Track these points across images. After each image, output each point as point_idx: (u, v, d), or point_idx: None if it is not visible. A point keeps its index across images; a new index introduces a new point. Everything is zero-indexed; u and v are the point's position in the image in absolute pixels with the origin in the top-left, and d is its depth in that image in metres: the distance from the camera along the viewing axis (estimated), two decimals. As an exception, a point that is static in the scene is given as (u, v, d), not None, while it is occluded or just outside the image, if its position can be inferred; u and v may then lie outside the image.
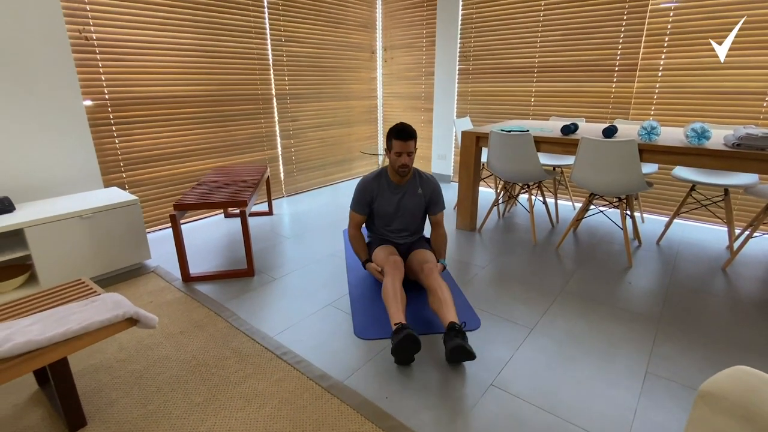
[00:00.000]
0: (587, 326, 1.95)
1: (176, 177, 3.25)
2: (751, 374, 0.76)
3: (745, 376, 0.75)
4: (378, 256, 2.17)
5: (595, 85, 3.52)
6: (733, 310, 2.07)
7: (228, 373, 1.64)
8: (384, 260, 2.08)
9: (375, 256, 2.20)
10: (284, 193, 4.14)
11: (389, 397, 1.52)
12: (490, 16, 3.95)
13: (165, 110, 3.08)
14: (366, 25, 4.61)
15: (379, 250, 2.19)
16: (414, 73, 4.66)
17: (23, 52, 2.29)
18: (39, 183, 2.47)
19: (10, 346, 1.15)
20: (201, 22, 3.15)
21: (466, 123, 3.75)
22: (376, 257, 2.19)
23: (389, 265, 2.02)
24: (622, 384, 1.58)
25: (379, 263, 2.13)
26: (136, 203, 2.46)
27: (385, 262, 2.06)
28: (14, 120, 2.32)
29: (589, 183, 2.57)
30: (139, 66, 2.89)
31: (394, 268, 2.00)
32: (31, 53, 2.32)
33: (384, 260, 2.08)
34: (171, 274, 2.49)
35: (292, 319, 2.02)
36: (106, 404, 1.49)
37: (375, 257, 2.20)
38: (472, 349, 1.61)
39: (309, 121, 4.19)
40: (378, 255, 2.17)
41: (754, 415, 0.70)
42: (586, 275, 2.44)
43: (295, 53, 3.89)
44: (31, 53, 2.32)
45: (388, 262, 2.04)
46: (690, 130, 2.23)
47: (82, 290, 1.53)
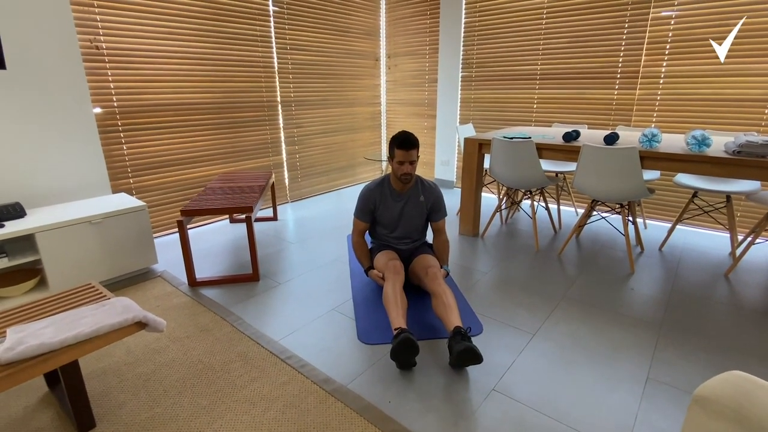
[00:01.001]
0: (589, 332, 1.96)
1: (183, 183, 3.30)
2: (744, 378, 0.78)
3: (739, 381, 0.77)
4: (379, 262, 2.19)
5: (597, 92, 3.55)
6: (735, 317, 2.08)
7: (233, 377, 1.67)
8: (384, 265, 2.11)
9: (376, 262, 2.23)
10: (289, 199, 4.18)
11: (392, 401, 1.54)
12: (493, 24, 3.99)
13: (172, 117, 3.14)
14: (370, 33, 4.67)
15: (380, 256, 2.22)
16: (417, 80, 4.71)
17: (36, 62, 2.35)
18: (49, 189, 2.52)
19: (23, 348, 1.19)
20: (208, 31, 3.21)
21: (469, 129, 3.78)
22: (377, 263, 2.22)
23: (389, 270, 2.04)
24: (624, 389, 1.59)
25: (379, 269, 2.16)
26: (144, 209, 2.50)
27: (385, 268, 2.09)
28: (26, 127, 2.37)
29: (590, 190, 2.59)
30: (147, 74, 2.95)
31: (394, 273, 2.02)
32: (44, 63, 2.38)
33: (384, 265, 2.11)
34: (177, 278, 2.52)
35: (297, 323, 2.05)
36: (114, 406, 1.52)
37: (376, 263, 2.23)
38: (479, 351, 1.63)
39: (313, 128, 4.24)
40: (379, 260, 2.20)
41: (746, 418, 0.72)
42: (589, 281, 2.46)
43: (300, 61, 3.94)
44: (44, 63, 2.38)
45: (388, 268, 2.07)
46: (691, 138, 2.26)
47: (92, 294, 1.56)
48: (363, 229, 2.29)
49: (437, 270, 2.04)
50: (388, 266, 2.08)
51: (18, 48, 2.28)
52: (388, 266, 2.08)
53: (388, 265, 2.09)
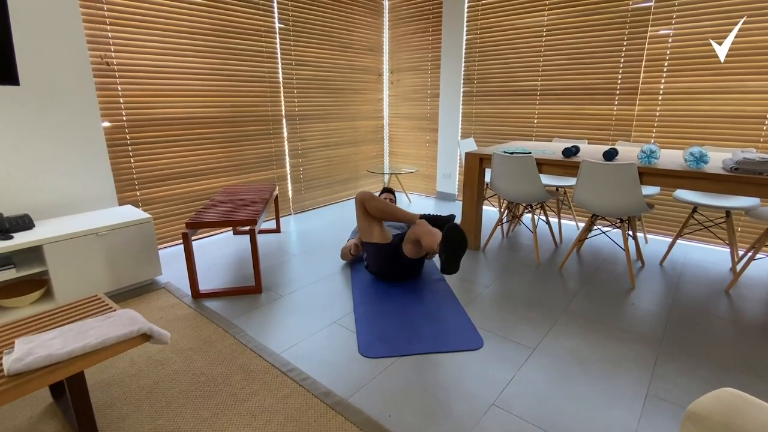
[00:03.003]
0: (589, 347, 1.97)
1: (188, 195, 3.35)
2: (736, 396, 0.79)
3: (731, 398, 0.79)
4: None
5: (596, 108, 3.60)
6: (736, 333, 2.08)
7: (235, 389, 1.68)
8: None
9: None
10: (292, 211, 4.22)
11: (392, 415, 1.55)
12: (494, 41, 4.07)
13: (179, 131, 3.20)
14: (373, 49, 4.77)
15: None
16: (419, 94, 4.79)
17: (49, 78, 2.42)
18: (58, 201, 2.57)
19: (31, 359, 1.21)
20: (215, 47, 3.29)
21: (471, 144, 3.83)
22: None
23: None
24: (624, 405, 1.60)
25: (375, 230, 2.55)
26: (149, 221, 2.54)
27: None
28: (37, 141, 2.43)
29: (590, 205, 2.62)
30: (155, 89, 3.02)
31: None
32: (56, 79, 2.45)
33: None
34: (181, 290, 2.55)
35: (298, 336, 2.07)
36: (117, 418, 1.54)
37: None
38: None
39: (317, 141, 4.30)
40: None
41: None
42: (589, 296, 2.47)
43: (305, 76, 4.02)
44: (56, 79, 2.45)
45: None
46: (689, 155, 2.29)
47: (98, 306, 1.59)
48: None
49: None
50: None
51: (32, 64, 2.35)
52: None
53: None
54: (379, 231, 2.51)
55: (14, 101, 2.32)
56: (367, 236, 2.53)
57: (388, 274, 2.58)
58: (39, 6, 2.33)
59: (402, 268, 2.53)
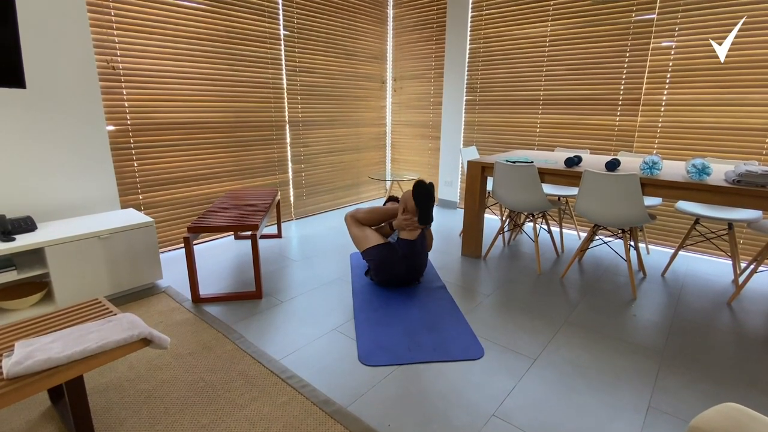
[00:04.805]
0: (591, 358, 1.96)
1: (191, 199, 3.36)
2: (739, 411, 0.79)
3: (733, 413, 0.78)
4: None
5: (599, 118, 3.61)
6: (738, 345, 2.07)
7: (234, 396, 1.67)
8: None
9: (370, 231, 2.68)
10: (293, 216, 4.23)
11: (392, 424, 1.54)
12: (497, 51, 4.10)
13: (183, 136, 3.22)
14: (377, 57, 4.80)
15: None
16: (422, 102, 4.81)
17: (55, 81, 2.44)
18: (60, 204, 2.58)
19: (31, 363, 1.21)
20: (220, 53, 3.32)
21: (473, 152, 3.84)
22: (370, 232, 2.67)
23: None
24: (625, 418, 1.58)
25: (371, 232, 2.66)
26: (151, 225, 2.54)
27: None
28: (41, 144, 2.45)
29: (592, 215, 2.61)
30: (160, 94, 3.04)
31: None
32: (62, 83, 2.47)
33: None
34: (181, 294, 2.55)
35: (298, 342, 2.06)
36: (115, 423, 1.53)
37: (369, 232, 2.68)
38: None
39: (320, 147, 4.32)
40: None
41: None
42: (591, 306, 2.46)
43: (309, 83, 4.05)
44: (62, 83, 2.47)
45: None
46: (691, 166, 2.29)
47: (99, 310, 1.59)
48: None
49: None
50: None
51: (38, 68, 2.37)
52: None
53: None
54: (373, 233, 2.62)
55: (20, 104, 2.34)
56: (366, 243, 2.56)
57: (392, 277, 2.57)
58: (47, 10, 2.36)
59: (405, 265, 2.53)
